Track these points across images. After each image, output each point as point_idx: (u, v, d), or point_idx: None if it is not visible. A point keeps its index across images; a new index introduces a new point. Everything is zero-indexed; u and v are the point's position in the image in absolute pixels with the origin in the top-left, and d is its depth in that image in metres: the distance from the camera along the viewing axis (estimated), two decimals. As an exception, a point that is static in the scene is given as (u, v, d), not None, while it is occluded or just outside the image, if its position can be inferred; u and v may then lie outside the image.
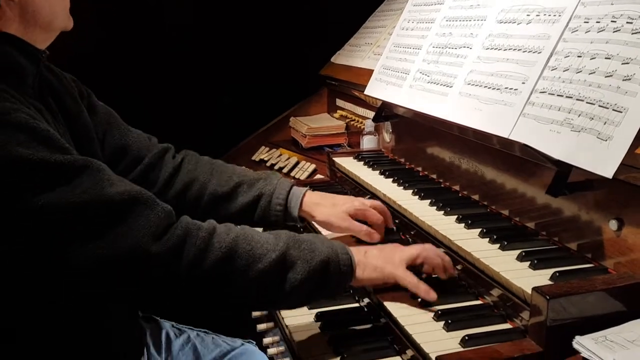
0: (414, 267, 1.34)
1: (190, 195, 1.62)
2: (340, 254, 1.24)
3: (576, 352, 1.02)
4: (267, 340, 1.60)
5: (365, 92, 2.16)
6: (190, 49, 3.05)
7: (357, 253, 1.28)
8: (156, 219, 1.11)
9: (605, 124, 1.16)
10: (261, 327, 1.64)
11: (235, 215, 1.61)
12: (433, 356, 1.09)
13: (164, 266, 1.10)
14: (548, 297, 1.04)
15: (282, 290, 1.18)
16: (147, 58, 2.96)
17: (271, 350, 1.56)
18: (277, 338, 1.59)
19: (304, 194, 1.62)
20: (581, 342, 1.02)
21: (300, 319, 1.44)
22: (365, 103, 2.50)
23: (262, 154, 2.95)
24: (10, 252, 1.09)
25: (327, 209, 1.60)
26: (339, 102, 2.89)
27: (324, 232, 1.69)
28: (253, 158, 2.96)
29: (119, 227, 1.08)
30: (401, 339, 1.25)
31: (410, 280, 1.28)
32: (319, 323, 1.41)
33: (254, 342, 1.80)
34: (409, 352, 1.22)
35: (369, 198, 1.90)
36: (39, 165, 1.05)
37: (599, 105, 1.19)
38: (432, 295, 1.28)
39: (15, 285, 1.14)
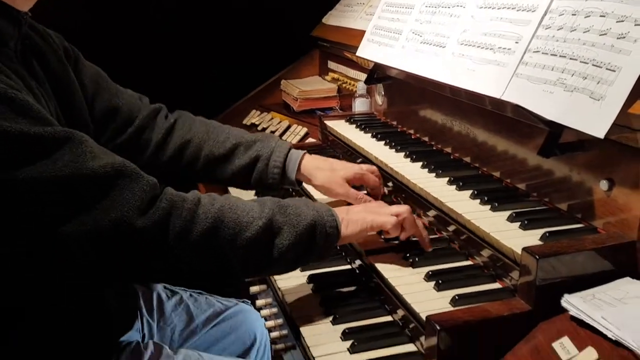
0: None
1: (185, 158, 1.59)
2: (326, 215, 1.24)
3: (564, 311, 1.04)
4: (260, 302, 1.62)
5: (357, 54, 2.13)
6: (180, 11, 2.99)
7: (340, 212, 1.28)
8: (141, 192, 1.08)
9: (598, 83, 1.15)
10: (254, 289, 1.65)
11: (231, 178, 1.60)
12: (423, 316, 1.10)
13: (151, 240, 1.08)
14: (537, 257, 1.05)
15: (271, 257, 1.18)
16: (136, 22, 2.90)
17: (264, 312, 1.57)
18: (270, 300, 1.60)
19: (302, 157, 1.60)
20: (570, 301, 1.03)
21: (292, 281, 1.45)
22: (357, 65, 2.47)
23: (253, 117, 2.93)
24: None
25: (325, 173, 1.59)
26: (331, 65, 2.86)
27: (317, 196, 1.69)
28: (244, 122, 2.93)
29: (103, 202, 1.05)
30: (392, 299, 1.26)
31: (390, 221, 1.29)
32: (311, 285, 1.42)
33: (249, 302, 1.81)
34: (400, 312, 1.23)
35: (361, 161, 1.90)
36: (17, 139, 1.01)
37: (593, 65, 1.18)
38: (420, 227, 1.32)
39: (4, 258, 1.12)
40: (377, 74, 2.12)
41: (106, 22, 2.84)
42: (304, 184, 1.69)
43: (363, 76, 2.31)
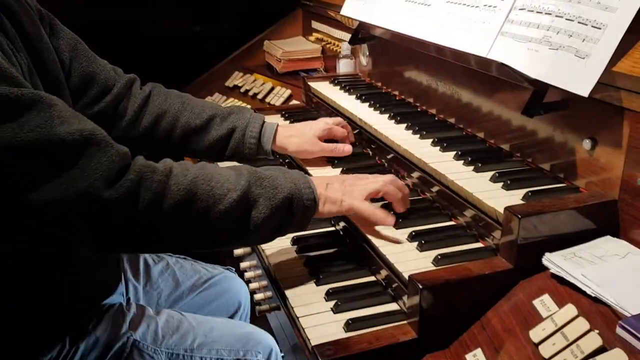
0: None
1: (161, 128, 1.57)
2: (303, 188, 1.21)
3: (545, 269, 1.05)
4: (244, 264, 1.62)
5: (341, 12, 2.09)
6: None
7: (319, 186, 1.25)
8: (109, 162, 1.04)
9: (583, 41, 1.14)
10: (238, 252, 1.65)
11: (207, 149, 1.59)
12: (406, 275, 1.10)
13: (118, 212, 1.04)
14: (520, 216, 1.05)
15: (246, 229, 1.15)
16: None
17: (248, 274, 1.58)
18: (254, 262, 1.60)
19: (276, 129, 1.61)
20: (550, 259, 1.04)
21: (276, 243, 1.44)
22: (341, 25, 2.43)
23: (236, 79, 2.89)
24: None
25: (296, 139, 1.61)
26: (315, 25, 2.81)
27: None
28: (226, 84, 2.89)
29: (70, 170, 1.00)
30: (375, 259, 1.26)
31: (366, 209, 1.27)
32: (295, 247, 1.42)
33: (233, 269, 1.82)
34: (383, 272, 1.24)
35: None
36: None
37: (578, 22, 1.16)
38: (389, 220, 1.28)
39: None
40: (361, 33, 2.09)
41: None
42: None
43: (347, 36, 2.27)
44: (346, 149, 1.64)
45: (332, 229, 1.50)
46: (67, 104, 1.33)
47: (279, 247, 1.44)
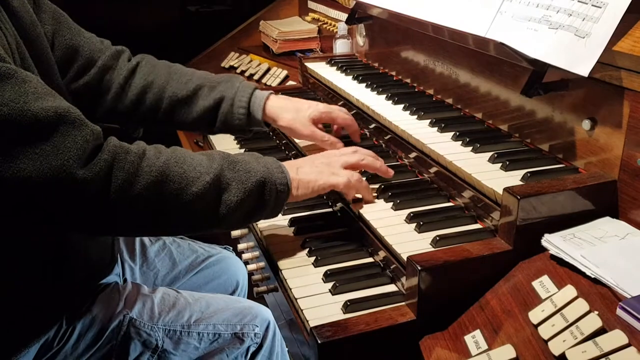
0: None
1: (148, 100, 1.53)
2: (276, 172, 1.20)
3: (544, 250, 1.05)
4: (241, 245, 1.61)
5: (338, -8, 2.06)
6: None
7: (290, 170, 1.24)
8: (83, 142, 1.03)
9: (583, 20, 1.12)
10: (235, 233, 1.64)
11: (196, 121, 1.54)
12: (404, 256, 1.10)
13: (92, 192, 1.03)
14: (519, 197, 1.05)
15: (218, 213, 1.14)
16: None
17: (246, 256, 1.57)
18: (251, 244, 1.59)
19: (267, 97, 1.53)
20: (550, 240, 1.04)
21: (274, 224, 1.44)
22: (338, 4, 2.40)
23: (232, 60, 2.86)
24: None
25: (290, 114, 1.53)
26: (311, 4, 2.78)
27: (303, 144, 1.67)
28: (222, 65, 2.87)
29: (43, 147, 0.99)
30: (373, 241, 1.26)
31: (341, 182, 1.27)
32: (292, 228, 1.41)
33: (231, 248, 1.82)
34: (381, 254, 1.24)
35: (342, 104, 1.87)
36: None
37: (578, 1, 1.15)
38: (364, 183, 1.29)
39: None
40: (358, 13, 2.07)
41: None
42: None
43: (344, 16, 2.25)
44: (338, 145, 1.52)
45: (330, 209, 1.49)
46: (56, 80, 1.31)
47: (277, 227, 1.43)
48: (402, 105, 1.64)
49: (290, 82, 2.46)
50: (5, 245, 1.19)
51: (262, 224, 1.45)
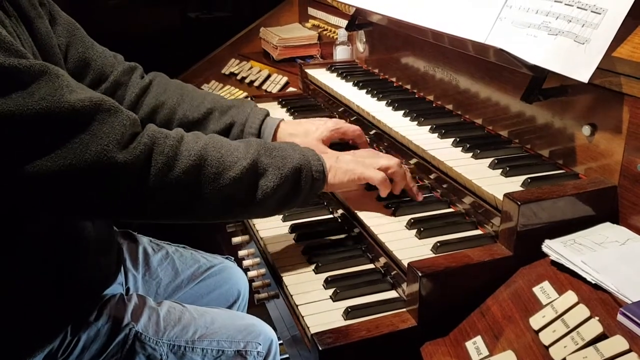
0: None
1: (158, 120, 1.52)
2: (312, 160, 1.22)
3: (545, 256, 1.05)
4: (242, 252, 1.61)
5: (338, -1, 2.07)
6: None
7: (329, 158, 1.26)
8: (121, 127, 1.05)
9: (583, 26, 1.13)
10: (236, 240, 1.64)
11: None
12: (405, 263, 1.10)
13: (132, 175, 1.05)
14: (519, 203, 1.05)
15: (254, 198, 1.15)
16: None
17: (246, 262, 1.57)
18: (252, 250, 1.59)
19: (278, 125, 1.52)
20: (550, 246, 1.04)
21: (274, 230, 1.44)
22: (338, 11, 2.41)
23: (232, 66, 2.87)
24: None
25: (300, 139, 1.49)
26: (311, 11, 2.79)
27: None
28: (223, 71, 2.88)
29: (82, 136, 1.02)
30: (374, 247, 1.26)
31: (377, 176, 1.28)
32: (293, 234, 1.41)
33: (232, 258, 1.82)
34: (382, 260, 1.24)
35: (342, 111, 1.87)
36: None
37: (578, 7, 1.15)
38: (409, 179, 1.31)
39: None
40: (358, 20, 2.08)
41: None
42: None
43: (344, 23, 2.26)
44: None
45: (330, 216, 1.49)
46: None
47: (277, 234, 1.43)
48: (403, 112, 1.64)
49: (291, 89, 2.46)
50: (10, 255, 1.19)
51: (263, 230, 1.45)
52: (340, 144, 1.55)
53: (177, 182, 1.09)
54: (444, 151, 1.39)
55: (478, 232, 1.23)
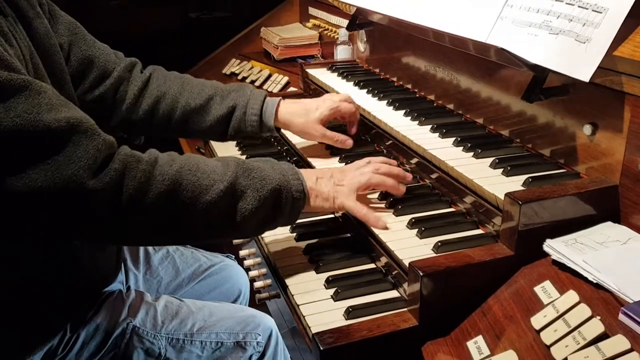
0: None
1: (161, 110, 1.56)
2: (292, 180, 1.19)
3: (546, 255, 1.05)
4: (243, 252, 1.61)
5: (338, -1, 2.07)
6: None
7: (309, 179, 1.23)
8: (95, 151, 1.02)
9: (584, 25, 1.13)
10: (237, 240, 1.65)
11: (209, 129, 1.57)
12: (406, 262, 1.10)
13: (103, 202, 1.02)
14: (520, 203, 1.05)
15: (233, 221, 1.13)
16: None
17: (248, 262, 1.57)
18: (253, 250, 1.60)
19: (279, 104, 1.58)
20: (551, 245, 1.04)
21: (275, 230, 1.43)
22: (339, 11, 2.41)
23: (233, 66, 2.87)
24: None
25: (302, 118, 1.58)
26: (312, 11, 2.79)
27: (295, 140, 1.69)
28: (224, 71, 2.88)
29: (55, 157, 0.99)
30: (375, 247, 1.26)
31: (358, 210, 1.25)
32: (294, 234, 1.41)
33: (233, 257, 1.82)
34: (383, 259, 1.24)
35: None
36: None
37: (578, 6, 1.15)
38: (381, 223, 1.25)
39: None
40: (359, 19, 2.07)
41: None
42: (283, 131, 1.68)
43: (345, 22, 2.26)
44: (348, 142, 1.59)
45: (332, 216, 1.49)
46: (68, 90, 1.33)
47: (278, 234, 1.43)
48: (403, 111, 1.64)
49: (292, 89, 2.46)
50: (10, 253, 1.19)
51: (264, 230, 1.45)
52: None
53: (151, 207, 1.06)
54: (445, 151, 1.39)
55: (479, 231, 1.23)
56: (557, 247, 1.03)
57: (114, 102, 1.55)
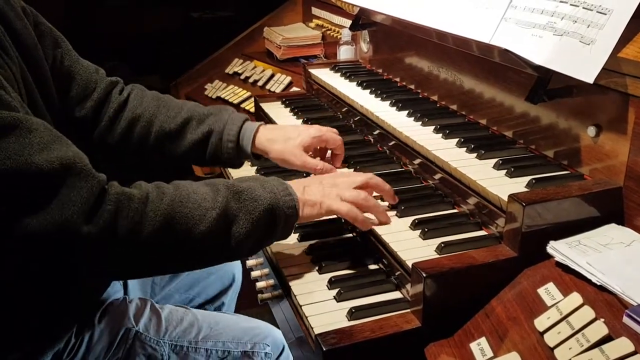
0: None
1: (136, 134, 1.48)
2: (283, 196, 1.17)
3: (550, 257, 1.04)
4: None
5: (342, -1, 2.07)
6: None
7: (297, 190, 1.21)
8: (88, 194, 0.99)
9: (588, 27, 1.12)
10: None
11: (185, 154, 1.48)
12: (409, 263, 1.10)
13: (98, 244, 1.01)
14: (524, 204, 1.04)
15: (229, 246, 1.12)
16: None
17: (250, 262, 1.56)
18: (255, 250, 1.59)
19: (257, 129, 1.47)
20: (555, 247, 1.03)
21: (277, 231, 1.44)
22: (342, 11, 2.41)
23: (236, 66, 2.87)
24: None
25: (279, 145, 1.46)
26: (315, 11, 2.79)
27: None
28: (226, 71, 2.88)
29: (48, 201, 0.96)
30: (378, 247, 1.26)
31: (346, 210, 1.23)
32: (297, 235, 1.41)
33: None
34: (386, 261, 1.23)
35: (346, 110, 1.87)
36: None
37: (583, 7, 1.15)
38: (368, 224, 1.24)
39: None
40: (362, 19, 2.07)
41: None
42: None
43: (348, 22, 2.26)
44: (332, 172, 1.45)
45: (334, 216, 1.49)
46: (54, 103, 1.28)
47: (281, 235, 1.43)
48: (407, 112, 1.64)
49: (294, 89, 2.46)
50: (15, 260, 1.19)
51: (267, 230, 1.45)
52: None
53: (146, 244, 1.04)
54: (448, 151, 1.38)
55: (482, 232, 1.22)
56: (560, 249, 1.02)
57: (91, 125, 1.48)
